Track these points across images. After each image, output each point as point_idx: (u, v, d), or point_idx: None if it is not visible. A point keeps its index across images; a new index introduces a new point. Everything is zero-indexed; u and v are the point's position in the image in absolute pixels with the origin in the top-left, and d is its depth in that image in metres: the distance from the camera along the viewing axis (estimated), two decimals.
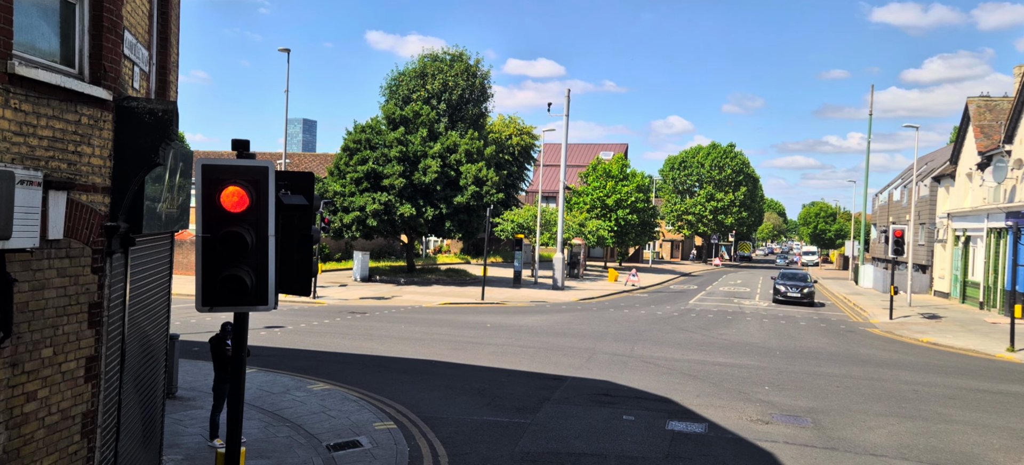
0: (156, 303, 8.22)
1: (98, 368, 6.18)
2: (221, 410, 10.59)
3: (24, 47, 5.26)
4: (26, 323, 5.32)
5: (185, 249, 35.11)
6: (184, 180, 8.17)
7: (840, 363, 19.65)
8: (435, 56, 47.81)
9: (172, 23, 8.35)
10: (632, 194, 59.60)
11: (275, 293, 5.10)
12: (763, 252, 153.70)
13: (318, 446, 10.74)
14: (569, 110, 41.19)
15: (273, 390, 13.79)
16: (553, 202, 60.41)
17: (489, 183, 37.41)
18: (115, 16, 6.07)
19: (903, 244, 29.74)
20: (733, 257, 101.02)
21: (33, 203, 5.00)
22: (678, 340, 22.64)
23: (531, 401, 13.92)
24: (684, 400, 14.47)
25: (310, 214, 5.31)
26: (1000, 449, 12.11)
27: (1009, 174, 32.65)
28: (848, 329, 27.71)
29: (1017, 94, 32.99)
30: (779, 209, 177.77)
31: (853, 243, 64.06)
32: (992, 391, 16.68)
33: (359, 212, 36.37)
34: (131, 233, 6.61)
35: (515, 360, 18.00)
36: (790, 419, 13.45)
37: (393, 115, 39.46)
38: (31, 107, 5.23)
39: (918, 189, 46.63)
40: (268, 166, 4.95)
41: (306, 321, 23.53)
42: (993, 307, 33.85)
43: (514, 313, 28.56)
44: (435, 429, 11.92)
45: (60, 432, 5.77)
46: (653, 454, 11.05)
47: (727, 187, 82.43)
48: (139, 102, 6.21)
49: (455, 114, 45.39)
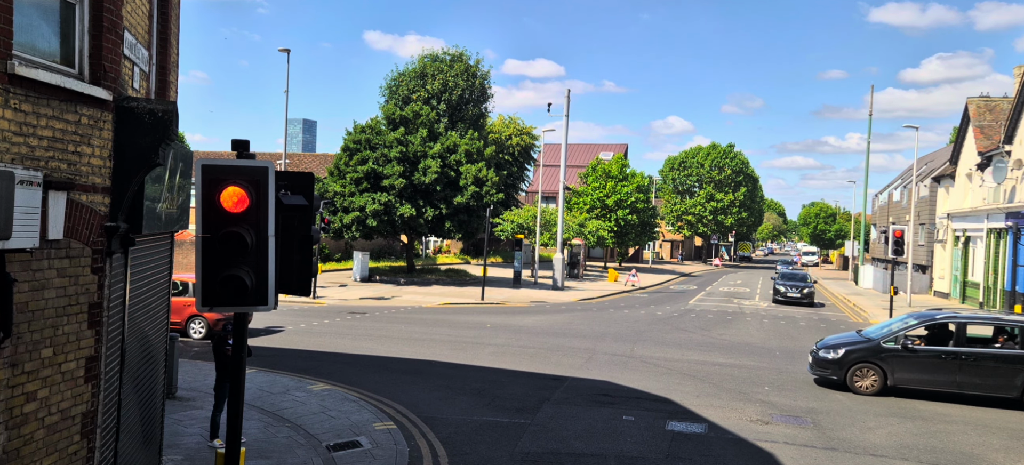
0: (156, 303, 8.22)
1: (98, 368, 6.18)
2: (221, 410, 10.59)
3: (24, 47, 5.26)
4: (26, 323, 5.32)
5: (185, 249, 35.10)
6: (184, 180, 8.17)
7: None
8: (435, 56, 47.80)
9: (172, 23, 8.36)
10: (632, 194, 59.59)
11: (275, 293, 5.11)
12: (763, 252, 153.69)
13: (318, 446, 10.74)
14: (569, 110, 41.22)
15: (273, 390, 13.79)
16: (553, 202, 60.41)
17: (489, 183, 37.41)
18: (115, 16, 6.07)
19: (903, 244, 29.74)
20: (733, 257, 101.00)
21: (33, 203, 5.00)
22: (678, 340, 22.64)
23: (531, 401, 13.92)
24: (684, 400, 14.47)
25: (310, 214, 5.31)
26: (1000, 449, 12.11)
27: (1009, 174, 32.65)
28: (848, 329, 27.70)
29: (1017, 94, 33.00)
30: (779, 209, 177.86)
31: (853, 243, 64.06)
32: None
33: (359, 212, 36.37)
34: (131, 233, 6.61)
35: (515, 360, 18.00)
36: (790, 419, 13.45)
37: (393, 115, 39.47)
38: (31, 107, 5.23)
39: (918, 189, 46.65)
40: (268, 166, 4.95)
41: (306, 321, 23.53)
42: (993, 307, 33.84)
43: (514, 313, 28.56)
44: (435, 429, 11.92)
45: (60, 432, 5.77)
46: (653, 454, 11.05)
47: (727, 187, 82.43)
48: (139, 102, 6.21)
49: (455, 114, 45.38)
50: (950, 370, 15.14)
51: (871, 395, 15.51)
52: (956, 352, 15.17)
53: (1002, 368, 14.99)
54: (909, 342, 15.60)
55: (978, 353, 15.15)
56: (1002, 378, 14.95)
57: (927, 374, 15.29)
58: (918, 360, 15.36)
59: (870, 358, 15.64)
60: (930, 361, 15.30)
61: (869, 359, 15.64)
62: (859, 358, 15.71)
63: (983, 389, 15.03)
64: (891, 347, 15.57)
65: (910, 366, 15.39)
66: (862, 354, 15.73)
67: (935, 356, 15.29)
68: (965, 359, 15.07)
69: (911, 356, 15.40)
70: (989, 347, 15.54)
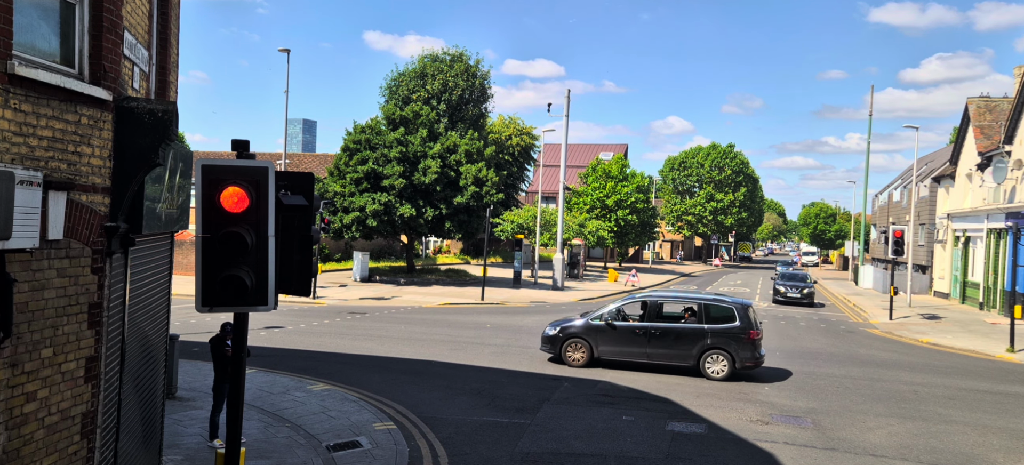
0: (156, 303, 8.22)
1: (98, 368, 6.17)
2: (221, 410, 10.59)
3: (24, 47, 5.25)
4: (26, 323, 5.32)
5: (185, 249, 35.11)
6: (184, 180, 8.17)
7: (840, 363, 19.65)
8: (435, 56, 47.76)
9: (172, 23, 8.35)
10: (632, 194, 59.58)
11: (275, 293, 5.10)
12: (763, 253, 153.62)
13: (318, 446, 10.74)
14: (569, 110, 41.21)
15: (273, 390, 13.79)
16: (553, 202, 60.40)
17: (489, 183, 37.40)
18: (115, 16, 6.07)
19: (903, 245, 29.73)
20: (733, 258, 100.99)
21: (33, 203, 5.00)
22: None
23: (531, 401, 13.92)
24: (684, 400, 14.47)
25: (310, 214, 5.31)
26: (1000, 449, 12.11)
27: (1009, 174, 32.65)
28: (848, 330, 27.70)
29: (1017, 95, 33.00)
30: (779, 209, 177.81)
31: (853, 244, 64.04)
32: (992, 392, 16.68)
33: (359, 212, 36.36)
34: (131, 233, 6.61)
35: (515, 360, 18.00)
36: (790, 419, 13.45)
37: (393, 115, 39.46)
38: (31, 107, 5.23)
39: (918, 190, 46.64)
40: (268, 166, 4.95)
41: (306, 321, 23.53)
42: (993, 308, 33.86)
43: (514, 313, 28.56)
44: (435, 429, 11.92)
45: (60, 432, 5.77)
46: (653, 454, 11.05)
47: (727, 187, 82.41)
48: (139, 102, 6.21)
49: (455, 114, 45.35)
50: (642, 343, 17.09)
51: (581, 367, 17.28)
52: (646, 327, 17.16)
53: (683, 340, 16.91)
54: (612, 320, 17.34)
55: (664, 327, 17.10)
56: (683, 349, 16.88)
57: (624, 346, 17.21)
58: (618, 335, 17.24)
59: (580, 335, 17.44)
60: (627, 335, 17.21)
61: (580, 335, 17.45)
62: (572, 335, 17.52)
63: (668, 358, 16.99)
64: (597, 325, 17.43)
65: (611, 340, 17.28)
66: (574, 331, 17.55)
67: (631, 331, 17.21)
68: (654, 333, 17.03)
69: (612, 331, 17.27)
70: (679, 322, 17.36)
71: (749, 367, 16.76)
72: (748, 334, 16.62)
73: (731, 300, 17.54)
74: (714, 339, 16.70)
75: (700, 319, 17.01)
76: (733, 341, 16.61)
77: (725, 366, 16.61)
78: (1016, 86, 34.32)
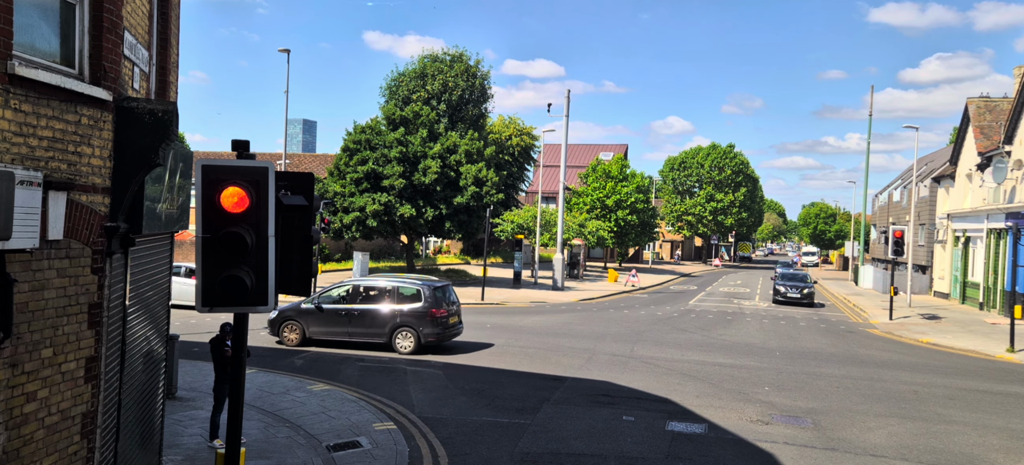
0: (156, 303, 8.22)
1: (98, 369, 6.18)
2: (221, 411, 10.59)
3: (24, 47, 5.26)
4: (26, 323, 5.32)
5: (185, 249, 35.11)
6: (184, 180, 8.17)
7: (840, 364, 19.65)
8: (435, 57, 47.73)
9: (172, 23, 8.36)
10: (632, 195, 59.59)
11: (275, 294, 5.10)
12: (763, 253, 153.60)
13: (318, 446, 10.74)
14: (569, 110, 41.21)
15: (273, 391, 13.79)
16: (553, 202, 60.40)
17: (489, 184, 37.39)
18: (115, 16, 6.07)
19: (903, 245, 29.73)
20: (733, 258, 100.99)
21: (33, 203, 5.00)
22: (678, 341, 22.64)
23: (531, 401, 13.92)
24: (684, 401, 14.47)
25: (310, 214, 5.31)
26: (1000, 450, 12.11)
27: (1009, 175, 32.65)
28: (848, 330, 27.71)
29: (1017, 95, 33.00)
30: (779, 210, 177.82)
31: (853, 244, 64.02)
32: (992, 392, 16.69)
33: (359, 212, 36.37)
34: (131, 233, 6.61)
35: (515, 360, 18.00)
36: (790, 420, 13.45)
37: (393, 116, 39.46)
38: (31, 107, 5.23)
39: (918, 190, 46.65)
40: (268, 166, 4.95)
41: None
42: (993, 308, 33.87)
43: (514, 313, 28.56)
44: (435, 429, 11.92)
45: (60, 432, 5.77)
46: (653, 455, 11.05)
47: (727, 188, 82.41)
48: (139, 102, 6.21)
49: (455, 115, 45.33)
50: (345, 323, 18.52)
51: (296, 347, 18.57)
52: (349, 309, 18.57)
53: (378, 320, 18.38)
54: (321, 303, 18.62)
55: (363, 309, 18.52)
56: (378, 327, 18.36)
57: (330, 326, 18.58)
58: (325, 316, 18.59)
59: (295, 317, 18.75)
60: (332, 317, 18.58)
61: (294, 317, 18.75)
62: (288, 317, 18.78)
63: (366, 336, 18.44)
64: (308, 308, 18.65)
65: (320, 321, 18.62)
66: (290, 314, 18.80)
67: (336, 313, 18.59)
68: (355, 314, 18.50)
69: (320, 314, 18.59)
70: (375, 304, 18.58)
71: (432, 342, 18.23)
72: (431, 312, 18.08)
73: (420, 282, 18.88)
74: (403, 318, 18.20)
75: (393, 300, 18.44)
76: (419, 319, 18.08)
77: (411, 342, 18.13)
78: (1016, 86, 34.33)
